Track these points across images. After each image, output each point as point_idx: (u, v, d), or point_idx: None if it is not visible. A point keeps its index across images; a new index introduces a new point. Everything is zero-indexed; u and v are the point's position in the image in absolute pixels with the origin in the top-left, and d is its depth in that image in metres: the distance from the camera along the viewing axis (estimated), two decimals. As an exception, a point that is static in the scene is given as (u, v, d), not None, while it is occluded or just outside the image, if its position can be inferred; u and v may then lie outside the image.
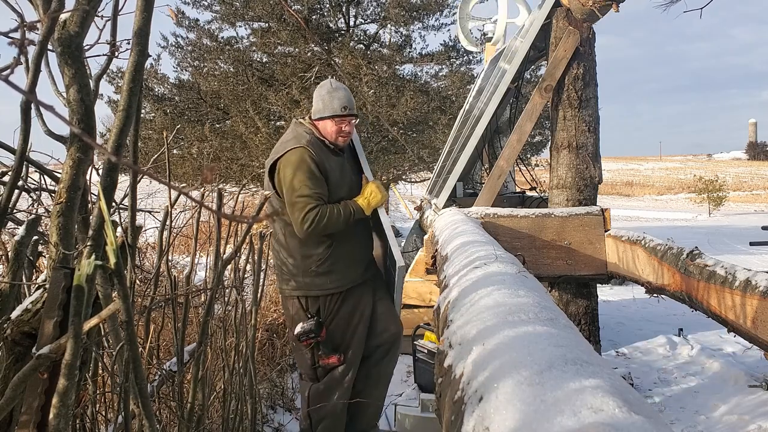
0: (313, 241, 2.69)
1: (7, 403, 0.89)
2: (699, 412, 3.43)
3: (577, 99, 3.89)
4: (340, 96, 2.78)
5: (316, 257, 2.71)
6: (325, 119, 2.77)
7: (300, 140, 2.70)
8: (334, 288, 2.74)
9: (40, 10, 0.96)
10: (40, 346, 0.92)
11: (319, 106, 2.80)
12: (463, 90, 12.03)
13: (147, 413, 1.04)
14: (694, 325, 4.92)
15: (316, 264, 2.70)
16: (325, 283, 2.73)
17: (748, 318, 1.83)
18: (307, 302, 2.74)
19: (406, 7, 11.53)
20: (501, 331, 0.88)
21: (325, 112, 2.77)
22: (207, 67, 11.87)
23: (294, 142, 2.70)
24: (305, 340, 2.68)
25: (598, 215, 3.45)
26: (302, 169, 2.63)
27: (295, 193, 2.62)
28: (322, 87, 2.84)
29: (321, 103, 2.79)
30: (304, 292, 2.74)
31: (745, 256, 8.87)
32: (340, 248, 2.75)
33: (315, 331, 2.68)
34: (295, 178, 2.63)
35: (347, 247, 2.78)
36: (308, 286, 2.73)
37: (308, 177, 2.63)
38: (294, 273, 2.73)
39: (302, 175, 2.62)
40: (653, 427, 0.54)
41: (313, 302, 2.74)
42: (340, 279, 2.75)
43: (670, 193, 31.66)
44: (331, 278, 2.73)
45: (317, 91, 2.84)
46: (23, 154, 1.04)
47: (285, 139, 2.78)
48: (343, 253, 2.75)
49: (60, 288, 0.94)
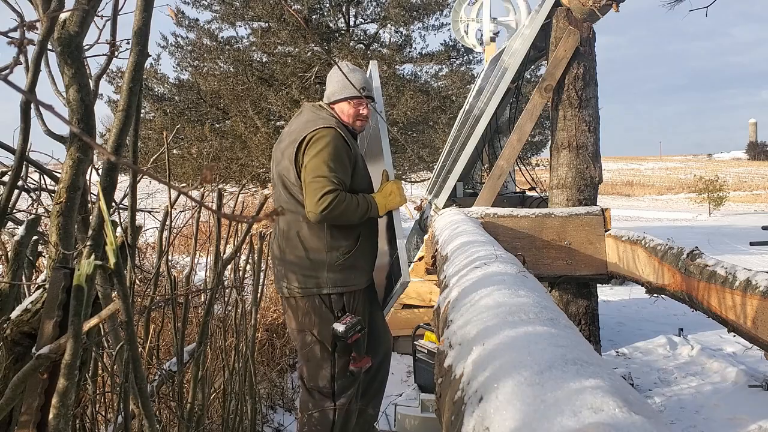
0: (342, 233, 2.51)
1: (6, 403, 0.89)
2: (699, 412, 3.43)
3: (578, 99, 3.89)
4: (357, 77, 2.63)
5: (344, 249, 2.51)
6: (342, 101, 2.61)
7: (329, 121, 2.51)
8: (356, 284, 2.56)
9: (40, 10, 0.96)
10: (39, 346, 0.92)
11: (335, 87, 2.63)
12: (463, 90, 12.04)
13: (147, 413, 1.04)
14: (695, 325, 4.92)
15: (343, 257, 2.50)
16: (349, 278, 2.53)
17: (748, 318, 1.83)
18: (330, 300, 2.51)
19: (406, 7, 11.54)
20: (501, 331, 0.88)
21: (343, 93, 2.60)
22: (207, 66, 11.88)
23: (324, 122, 2.50)
24: (353, 335, 2.41)
25: (598, 215, 3.45)
26: (330, 149, 2.43)
27: (315, 172, 2.40)
28: (337, 69, 2.68)
29: (338, 85, 2.62)
30: (329, 289, 2.50)
31: (746, 256, 8.86)
32: (365, 243, 2.60)
33: (360, 322, 2.45)
34: (318, 156, 2.41)
35: (370, 244, 2.65)
36: (333, 281, 2.50)
37: (334, 159, 2.42)
38: (317, 268, 2.49)
39: (328, 155, 2.42)
40: (653, 427, 0.54)
41: (337, 300, 2.52)
42: (361, 275, 2.58)
43: (670, 193, 31.65)
44: (354, 273, 2.55)
45: (333, 74, 2.68)
46: (23, 154, 1.04)
47: (308, 119, 2.55)
48: (366, 249, 2.61)
49: (60, 288, 0.94)
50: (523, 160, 4.26)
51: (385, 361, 2.81)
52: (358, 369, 2.48)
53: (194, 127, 11.32)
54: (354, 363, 2.46)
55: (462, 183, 5.19)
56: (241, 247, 2.11)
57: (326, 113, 2.60)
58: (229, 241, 2.56)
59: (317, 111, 2.61)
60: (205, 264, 3.99)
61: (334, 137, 2.45)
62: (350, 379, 2.50)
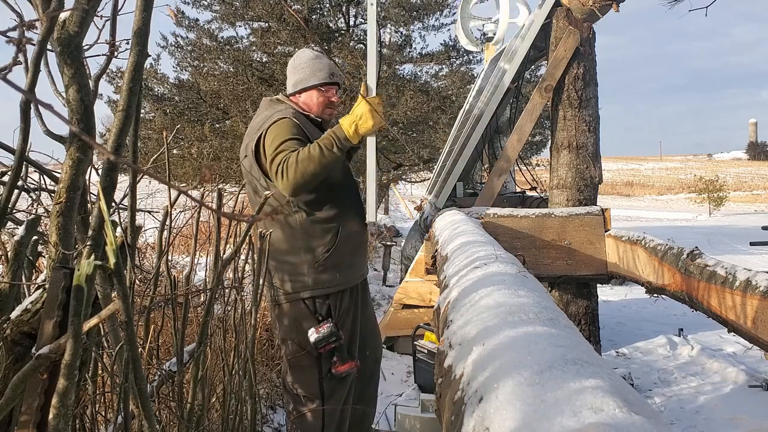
0: (317, 230, 2.33)
1: (6, 403, 0.89)
2: (699, 412, 3.43)
3: (578, 99, 3.89)
4: (324, 63, 2.44)
5: (323, 248, 2.34)
6: (309, 89, 2.42)
7: (284, 113, 2.33)
8: (343, 283, 2.39)
9: (40, 10, 0.96)
10: (39, 346, 0.92)
11: (300, 75, 2.43)
12: (463, 90, 12.05)
13: (146, 413, 1.04)
14: (695, 325, 4.92)
15: (323, 256, 2.34)
16: (333, 278, 2.36)
17: (748, 318, 1.83)
18: (314, 304, 2.35)
19: (406, 7, 11.55)
20: (501, 331, 0.88)
21: (310, 81, 2.41)
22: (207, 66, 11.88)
23: (278, 115, 2.31)
24: (324, 345, 2.28)
25: (598, 215, 3.46)
26: (278, 130, 2.25)
27: (270, 157, 2.21)
28: (300, 56, 2.48)
29: (303, 73, 2.42)
30: (311, 292, 2.34)
31: (746, 256, 8.87)
32: (346, 237, 2.39)
33: (335, 333, 2.30)
34: (272, 144, 2.23)
35: (353, 235, 2.43)
36: (316, 283, 2.34)
37: (282, 134, 2.23)
38: (298, 272, 2.35)
39: (276, 136, 2.23)
40: (653, 427, 0.54)
41: (321, 303, 2.36)
42: (346, 273, 2.41)
43: (670, 193, 31.66)
44: (339, 272, 2.38)
45: (295, 62, 2.47)
46: (23, 154, 1.04)
47: (265, 116, 2.37)
48: (348, 244, 2.40)
49: (60, 288, 0.94)
50: (524, 160, 4.26)
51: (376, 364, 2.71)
52: (339, 373, 2.33)
53: (194, 127, 11.33)
54: (336, 367, 2.33)
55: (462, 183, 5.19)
56: (240, 247, 2.12)
57: (284, 106, 2.42)
58: (229, 241, 2.56)
59: (274, 105, 2.44)
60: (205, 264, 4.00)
61: (285, 123, 2.28)
62: (335, 381, 2.36)
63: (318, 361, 2.34)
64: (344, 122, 2.22)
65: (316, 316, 2.34)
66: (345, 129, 2.21)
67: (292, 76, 2.47)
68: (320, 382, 2.35)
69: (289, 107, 2.41)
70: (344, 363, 2.33)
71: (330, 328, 2.29)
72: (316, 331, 2.29)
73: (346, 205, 2.43)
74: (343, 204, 2.42)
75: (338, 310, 2.39)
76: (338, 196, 2.41)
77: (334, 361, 2.33)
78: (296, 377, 2.38)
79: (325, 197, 2.36)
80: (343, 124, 2.22)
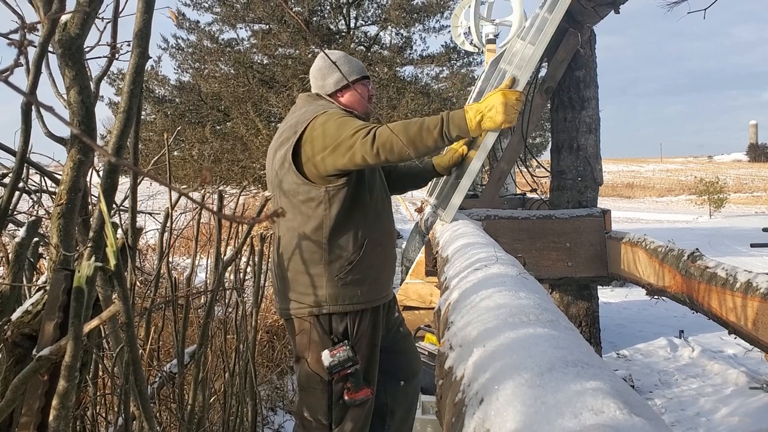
0: (344, 239, 2.09)
1: (7, 404, 0.89)
2: (700, 414, 3.42)
3: (578, 100, 3.89)
4: (356, 60, 2.30)
5: (345, 259, 2.09)
6: (355, 83, 2.22)
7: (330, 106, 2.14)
8: (364, 302, 2.12)
9: (41, 12, 0.96)
10: (40, 347, 0.92)
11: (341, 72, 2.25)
12: (463, 92, 12.06)
13: (147, 415, 1.04)
14: (695, 326, 4.92)
15: (346, 269, 2.09)
16: (354, 294, 2.10)
17: (749, 320, 1.83)
18: (330, 322, 2.10)
19: (407, 9, 11.57)
20: (502, 332, 0.88)
21: (353, 75, 2.21)
22: (208, 68, 11.90)
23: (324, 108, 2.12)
24: (339, 371, 2.04)
25: (598, 217, 3.46)
26: (341, 115, 2.05)
27: (339, 132, 1.96)
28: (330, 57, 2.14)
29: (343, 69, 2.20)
30: (329, 308, 2.08)
31: (746, 258, 8.86)
32: (374, 250, 2.15)
33: (352, 358, 2.05)
34: (331, 123, 1.99)
35: (382, 250, 2.19)
36: (334, 299, 2.08)
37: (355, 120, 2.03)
38: (315, 283, 2.09)
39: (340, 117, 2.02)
40: (654, 429, 0.54)
41: (338, 321, 2.10)
42: (370, 291, 2.15)
43: (670, 194, 31.65)
44: (362, 289, 2.12)
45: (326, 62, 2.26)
46: (24, 156, 1.04)
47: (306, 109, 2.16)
48: (376, 258, 2.17)
49: (60, 290, 0.94)
50: (524, 162, 4.26)
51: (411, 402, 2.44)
52: (351, 401, 2.10)
53: (195, 129, 11.34)
54: (348, 393, 2.09)
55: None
56: (241, 249, 2.12)
57: (325, 101, 2.22)
58: (230, 243, 2.56)
59: (315, 100, 2.23)
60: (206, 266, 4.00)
61: (343, 112, 2.08)
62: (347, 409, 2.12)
63: (329, 385, 2.11)
64: (470, 109, 1.95)
65: (331, 337, 2.10)
66: (468, 117, 1.93)
67: (330, 76, 2.24)
68: (330, 408, 2.12)
69: (329, 103, 2.21)
70: (359, 390, 2.09)
71: (347, 351, 2.06)
72: (331, 355, 2.05)
73: (376, 216, 2.19)
74: (373, 214, 2.18)
75: (356, 332, 2.13)
76: (369, 204, 2.17)
77: (348, 387, 2.09)
78: (305, 399, 2.17)
79: (354, 203, 2.12)
80: (468, 111, 1.95)
